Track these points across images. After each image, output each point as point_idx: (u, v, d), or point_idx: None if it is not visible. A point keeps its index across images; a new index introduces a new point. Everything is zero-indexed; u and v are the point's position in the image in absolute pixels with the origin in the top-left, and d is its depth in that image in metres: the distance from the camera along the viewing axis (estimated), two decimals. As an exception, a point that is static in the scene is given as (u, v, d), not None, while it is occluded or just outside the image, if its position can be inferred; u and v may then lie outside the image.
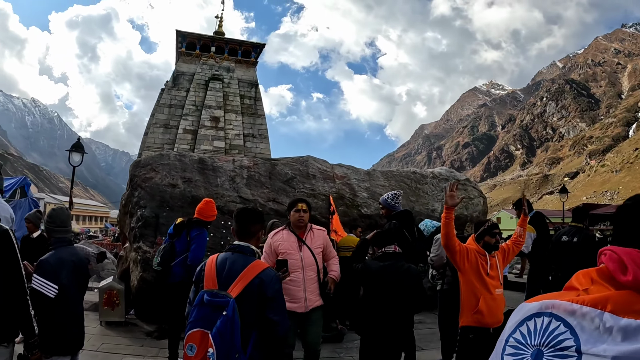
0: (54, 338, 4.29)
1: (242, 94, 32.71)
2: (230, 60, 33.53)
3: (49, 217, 4.71)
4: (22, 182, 32.58)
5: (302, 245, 5.35)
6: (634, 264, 1.51)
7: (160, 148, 29.71)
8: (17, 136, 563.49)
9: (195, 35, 33.92)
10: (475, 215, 12.17)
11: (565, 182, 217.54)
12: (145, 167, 9.44)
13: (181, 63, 32.84)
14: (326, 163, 11.03)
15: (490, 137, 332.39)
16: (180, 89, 31.67)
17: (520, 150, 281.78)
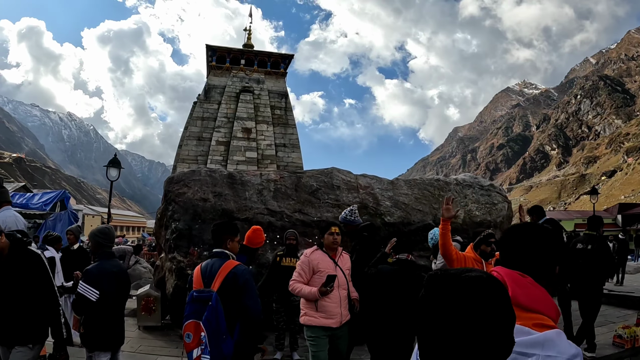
0: (96, 336, 5.09)
1: (273, 104, 33.27)
2: (259, 72, 34.14)
3: (103, 234, 5.55)
4: (62, 196, 33.67)
5: (336, 266, 5.80)
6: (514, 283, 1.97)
7: (194, 160, 30.45)
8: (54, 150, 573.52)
9: (225, 49, 34.63)
10: (499, 221, 12.30)
11: (603, 181, 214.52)
12: (178, 182, 10.07)
13: (212, 76, 33.55)
14: (350, 174, 11.49)
15: (525, 138, 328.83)
16: (212, 102, 32.36)
17: (556, 150, 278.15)
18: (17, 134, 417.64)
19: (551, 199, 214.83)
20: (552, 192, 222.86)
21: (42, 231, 27.98)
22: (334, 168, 11.45)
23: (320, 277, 5.58)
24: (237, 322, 4.41)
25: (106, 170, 19.62)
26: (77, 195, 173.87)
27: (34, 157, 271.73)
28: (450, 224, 5.37)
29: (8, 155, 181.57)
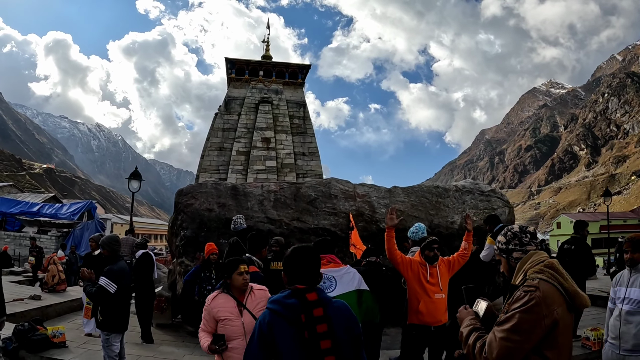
0: (114, 321, 6.56)
1: (291, 114, 33.97)
2: (278, 83, 34.87)
3: (117, 242, 6.99)
4: (89, 206, 34.90)
5: (242, 310, 4.93)
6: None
7: (215, 170, 31.30)
8: (84, 160, 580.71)
9: (244, 61, 35.42)
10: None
11: (633, 181, 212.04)
12: (186, 194, 10.99)
13: (232, 88, 34.38)
14: (348, 184, 12.21)
15: (552, 139, 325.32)
16: (232, 113, 33.17)
17: (585, 150, 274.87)
18: (47, 146, 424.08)
19: (580, 200, 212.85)
20: (582, 193, 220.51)
21: (70, 240, 29.13)
22: (332, 178, 12.21)
23: (223, 326, 4.86)
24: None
25: (128, 182, 20.54)
26: (107, 205, 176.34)
27: (63, 168, 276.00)
28: (394, 231, 6.04)
29: (39, 166, 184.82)
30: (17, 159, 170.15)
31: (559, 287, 2.80)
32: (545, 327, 2.67)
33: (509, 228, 3.24)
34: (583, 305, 2.83)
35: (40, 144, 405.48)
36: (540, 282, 2.79)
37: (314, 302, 3.21)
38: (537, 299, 2.70)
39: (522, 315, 2.69)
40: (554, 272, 2.86)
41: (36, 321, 8.49)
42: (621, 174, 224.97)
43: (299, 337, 3.12)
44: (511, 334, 2.68)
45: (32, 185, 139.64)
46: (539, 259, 2.97)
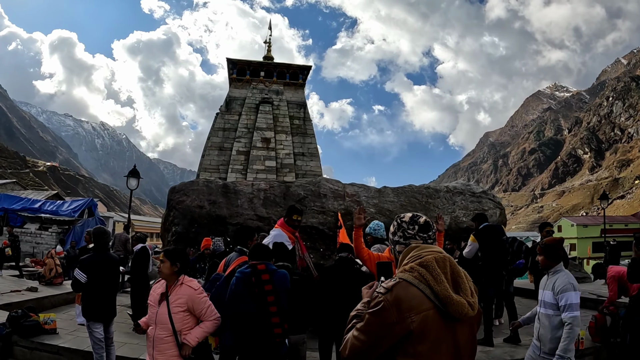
0: (89, 309, 6.99)
1: (292, 114, 34.16)
2: (278, 84, 35.06)
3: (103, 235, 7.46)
4: (90, 203, 35.20)
5: (163, 300, 5.06)
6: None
7: (215, 169, 31.53)
8: (88, 158, 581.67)
9: (245, 61, 35.63)
10: None
11: (637, 185, 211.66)
12: (179, 192, 11.28)
13: (233, 89, 34.59)
14: (338, 183, 12.44)
15: (557, 142, 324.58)
16: (233, 113, 33.38)
17: (589, 154, 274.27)
18: (51, 144, 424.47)
19: (584, 204, 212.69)
20: (585, 196, 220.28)
21: (71, 236, 29.43)
22: (322, 178, 12.51)
23: (149, 310, 5.24)
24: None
25: (126, 180, 20.82)
26: (110, 203, 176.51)
27: (67, 166, 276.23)
28: (362, 229, 5.92)
29: (42, 164, 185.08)
30: (21, 157, 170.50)
31: (427, 290, 2.46)
32: (396, 334, 2.40)
33: (399, 216, 2.99)
34: (458, 313, 2.43)
35: (45, 142, 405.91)
36: (398, 284, 2.47)
37: (262, 271, 5.35)
38: (385, 303, 2.42)
39: (370, 317, 2.47)
40: (428, 272, 2.49)
41: (29, 309, 8.89)
42: (625, 178, 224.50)
43: (251, 292, 5.27)
44: (361, 335, 2.48)
45: (35, 183, 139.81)
46: (419, 254, 2.63)
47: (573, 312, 5.24)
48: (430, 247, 2.70)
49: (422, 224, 2.85)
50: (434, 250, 2.65)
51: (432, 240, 2.83)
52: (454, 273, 2.57)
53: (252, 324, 5.25)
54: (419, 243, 2.77)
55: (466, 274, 2.64)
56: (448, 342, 2.48)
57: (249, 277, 5.31)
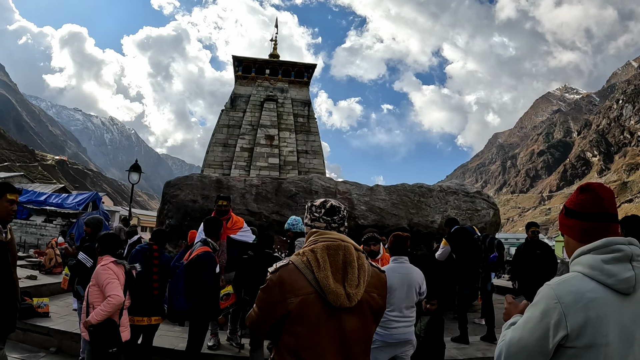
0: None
1: (296, 112, 34.34)
2: (283, 82, 35.23)
3: (100, 223, 8.05)
4: (94, 197, 35.51)
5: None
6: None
7: (219, 165, 31.79)
8: (97, 153, 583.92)
9: (251, 59, 35.85)
10: (480, 227, 13.01)
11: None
12: (173, 186, 11.58)
13: (238, 86, 34.80)
14: (331, 180, 12.70)
15: (566, 144, 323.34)
16: (238, 110, 33.60)
17: (597, 157, 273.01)
18: (60, 138, 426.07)
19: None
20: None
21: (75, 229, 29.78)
22: (315, 175, 12.74)
23: None
24: (197, 290, 6.30)
25: (128, 175, 21.14)
26: (118, 197, 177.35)
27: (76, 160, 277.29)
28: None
29: (51, 158, 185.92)
30: (30, 150, 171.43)
31: (310, 275, 2.57)
32: (278, 312, 2.57)
33: (312, 201, 2.99)
34: (334, 301, 2.51)
35: (54, 135, 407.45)
36: (286, 266, 2.62)
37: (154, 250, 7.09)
38: (270, 282, 2.60)
39: (260, 294, 2.66)
40: (314, 257, 2.58)
41: (25, 293, 9.20)
42: (633, 181, 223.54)
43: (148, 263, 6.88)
44: (255, 308, 2.70)
45: (44, 176, 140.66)
46: (315, 239, 2.72)
47: None
48: (328, 234, 2.73)
49: (328, 207, 2.83)
50: (330, 237, 2.70)
51: (336, 225, 2.80)
52: (345, 262, 2.61)
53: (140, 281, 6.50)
54: (322, 226, 2.78)
55: (363, 266, 2.67)
56: (331, 328, 2.56)
57: (145, 251, 7.10)
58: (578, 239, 2.31)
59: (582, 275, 2.15)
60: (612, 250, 2.13)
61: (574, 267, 2.23)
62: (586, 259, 2.18)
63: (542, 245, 10.57)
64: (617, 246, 2.14)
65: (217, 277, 6.62)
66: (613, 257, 2.11)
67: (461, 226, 9.88)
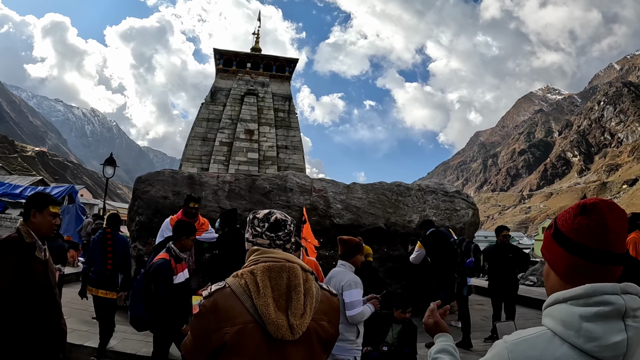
0: None
1: (276, 107, 34.05)
2: (265, 76, 34.90)
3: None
4: (70, 190, 35.09)
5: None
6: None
7: (198, 160, 31.44)
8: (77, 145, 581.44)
9: (232, 52, 35.51)
10: (459, 227, 12.89)
11: (624, 190, 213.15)
12: (144, 182, 11.22)
13: (219, 79, 34.46)
14: (306, 178, 12.44)
15: (546, 144, 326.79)
16: (218, 104, 33.25)
17: (578, 157, 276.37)
18: (41, 129, 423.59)
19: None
20: (573, 199, 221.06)
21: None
22: (290, 172, 12.47)
23: None
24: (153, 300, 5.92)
25: (102, 168, 20.77)
26: (98, 190, 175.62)
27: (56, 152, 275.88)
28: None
29: (31, 149, 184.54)
30: (9, 141, 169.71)
31: (248, 302, 2.22)
32: (214, 342, 2.22)
33: (254, 211, 2.62)
34: (274, 334, 2.16)
35: (34, 126, 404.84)
36: (222, 290, 2.27)
37: (108, 232, 8.19)
38: (203, 308, 2.26)
39: (193, 320, 2.36)
40: (253, 281, 2.25)
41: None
42: (613, 182, 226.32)
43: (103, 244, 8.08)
44: (190, 336, 2.36)
45: (23, 168, 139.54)
46: (256, 259, 2.38)
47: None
48: (272, 253, 2.40)
49: (272, 222, 2.47)
50: (273, 257, 2.36)
51: (281, 242, 2.46)
52: (290, 287, 2.28)
53: (96, 259, 8.01)
54: (265, 243, 2.44)
55: (310, 290, 2.34)
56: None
57: (100, 234, 8.22)
58: (562, 275, 1.65)
59: (551, 334, 1.54)
60: (597, 302, 1.48)
61: (544, 320, 1.62)
62: (560, 310, 1.55)
63: (513, 249, 10.45)
64: (604, 297, 1.48)
65: (176, 287, 6.10)
66: (597, 313, 1.46)
67: (437, 229, 9.68)
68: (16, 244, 3.82)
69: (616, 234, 1.57)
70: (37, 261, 3.89)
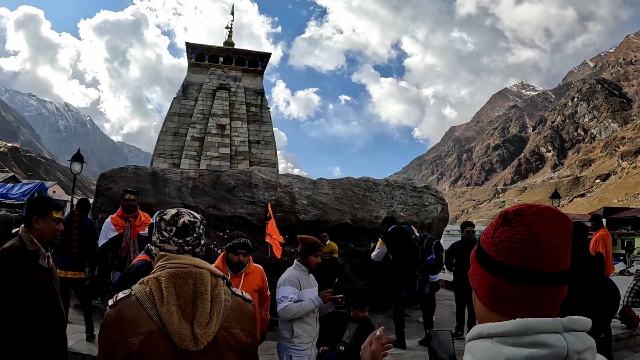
0: None
1: (249, 102, 33.94)
2: (237, 70, 34.78)
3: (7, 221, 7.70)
4: (40, 187, 34.63)
5: None
6: None
7: (169, 155, 31.23)
8: (51, 140, 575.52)
9: (204, 46, 35.35)
10: (427, 222, 12.87)
11: (597, 185, 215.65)
12: (107, 178, 11.13)
13: (191, 73, 34.28)
14: (272, 174, 12.34)
15: (521, 139, 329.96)
16: (190, 99, 33.06)
17: (551, 152, 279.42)
18: (14, 124, 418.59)
19: (545, 200, 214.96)
20: (546, 193, 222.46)
21: (17, 220, 28.92)
22: (255, 168, 12.41)
23: None
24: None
25: (70, 165, 20.54)
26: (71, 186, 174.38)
27: (29, 147, 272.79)
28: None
29: (3, 145, 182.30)
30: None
31: (152, 311, 2.10)
32: (121, 354, 2.06)
33: (162, 211, 2.47)
34: (178, 344, 2.06)
35: (7, 121, 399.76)
36: (127, 298, 2.15)
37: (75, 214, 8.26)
38: (108, 318, 2.12)
39: (100, 331, 2.18)
40: (158, 288, 2.14)
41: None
42: (586, 177, 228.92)
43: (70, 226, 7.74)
44: (99, 347, 2.19)
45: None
46: (163, 265, 2.25)
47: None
48: (178, 259, 2.27)
49: (180, 226, 2.34)
50: (180, 263, 2.24)
51: (190, 247, 2.34)
52: (195, 294, 2.17)
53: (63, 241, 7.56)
54: (173, 249, 2.31)
55: (218, 297, 2.23)
56: None
57: (68, 216, 8.07)
58: (486, 302, 1.30)
59: None
60: (530, 343, 1.11)
61: (465, 356, 1.25)
62: (483, 349, 1.18)
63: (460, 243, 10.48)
64: (539, 337, 1.12)
65: None
66: (530, 357, 1.09)
67: (398, 225, 9.62)
68: (20, 253, 3.67)
69: (549, 247, 1.20)
70: (41, 270, 3.77)
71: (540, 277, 1.19)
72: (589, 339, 1.18)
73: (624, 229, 70.28)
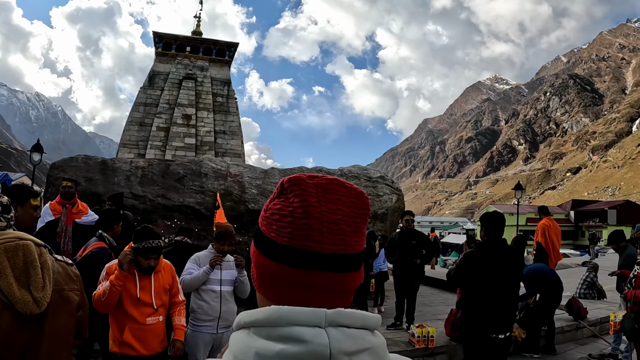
0: None
1: (215, 92, 33.81)
2: (204, 60, 34.60)
3: None
4: (4, 178, 34.39)
5: None
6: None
7: (134, 145, 31.07)
8: (21, 130, 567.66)
9: (172, 36, 35.10)
10: (381, 212, 13.14)
11: (568, 177, 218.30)
12: (57, 168, 11.24)
13: (157, 63, 34.04)
14: (223, 163, 12.52)
15: (493, 132, 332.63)
16: (156, 88, 32.86)
17: (523, 145, 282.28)
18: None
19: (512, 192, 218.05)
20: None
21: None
22: (205, 157, 12.61)
23: None
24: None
25: (30, 155, 20.52)
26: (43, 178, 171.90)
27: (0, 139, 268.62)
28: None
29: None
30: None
31: None
32: None
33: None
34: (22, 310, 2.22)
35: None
36: None
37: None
38: None
39: None
40: None
41: None
42: (557, 170, 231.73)
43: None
44: None
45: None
46: None
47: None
48: (5, 234, 2.38)
49: (4, 204, 2.50)
50: (7, 237, 2.34)
51: (13, 222, 2.54)
52: (26, 264, 2.30)
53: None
54: (2, 225, 2.44)
55: (45, 264, 2.39)
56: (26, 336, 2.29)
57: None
58: (257, 286, 1.06)
59: None
60: (282, 337, 0.89)
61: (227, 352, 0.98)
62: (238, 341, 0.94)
63: (417, 235, 10.05)
64: (293, 330, 0.89)
65: None
66: (280, 354, 0.87)
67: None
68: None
69: (325, 223, 0.97)
70: None
71: (308, 257, 0.97)
72: (370, 339, 0.95)
73: (592, 221, 71.38)
